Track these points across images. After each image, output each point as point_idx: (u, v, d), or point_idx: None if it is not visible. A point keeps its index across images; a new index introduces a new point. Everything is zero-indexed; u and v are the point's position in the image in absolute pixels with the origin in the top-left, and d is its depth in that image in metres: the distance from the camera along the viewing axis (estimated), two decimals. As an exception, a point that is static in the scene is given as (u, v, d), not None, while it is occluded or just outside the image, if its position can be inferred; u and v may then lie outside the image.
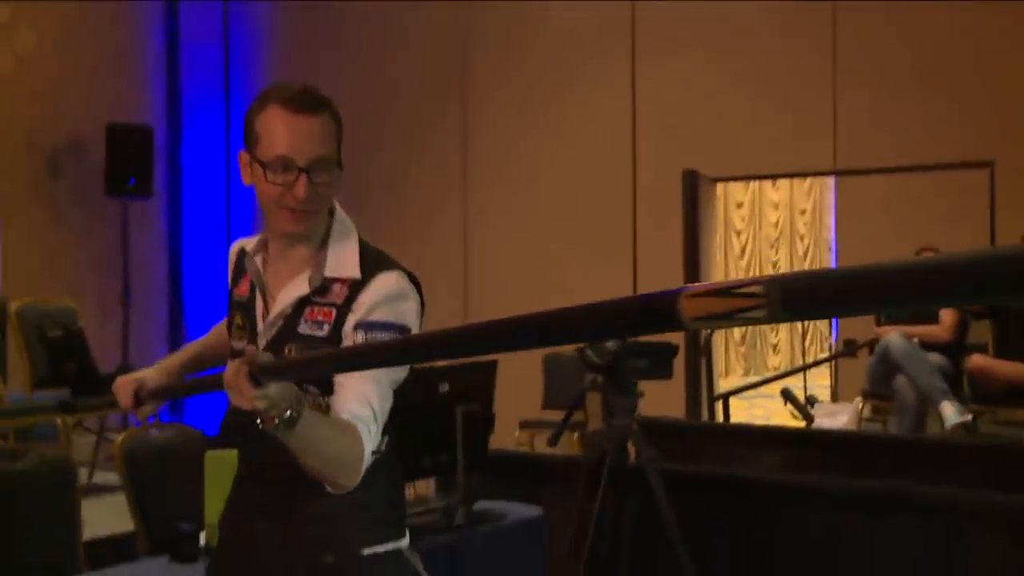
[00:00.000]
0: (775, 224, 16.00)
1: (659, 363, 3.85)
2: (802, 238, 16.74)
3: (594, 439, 3.76)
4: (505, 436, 7.88)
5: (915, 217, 7.94)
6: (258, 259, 2.43)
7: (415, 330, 2.31)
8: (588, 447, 3.71)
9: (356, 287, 2.32)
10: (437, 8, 9.83)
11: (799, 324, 13.88)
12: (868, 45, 8.27)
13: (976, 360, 6.42)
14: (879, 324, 7.60)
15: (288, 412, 1.94)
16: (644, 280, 8.99)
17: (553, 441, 3.96)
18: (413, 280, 2.37)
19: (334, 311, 2.33)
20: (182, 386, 2.65)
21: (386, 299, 2.30)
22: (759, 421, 9.14)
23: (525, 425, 8.48)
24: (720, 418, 6.32)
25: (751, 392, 8.15)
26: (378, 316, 2.29)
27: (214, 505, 3.47)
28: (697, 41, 8.83)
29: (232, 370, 1.93)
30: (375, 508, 2.37)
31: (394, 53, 10.15)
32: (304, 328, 2.33)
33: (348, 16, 10.35)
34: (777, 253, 16.01)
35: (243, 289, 2.47)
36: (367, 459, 2.18)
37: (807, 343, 14.97)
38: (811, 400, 6.93)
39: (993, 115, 7.79)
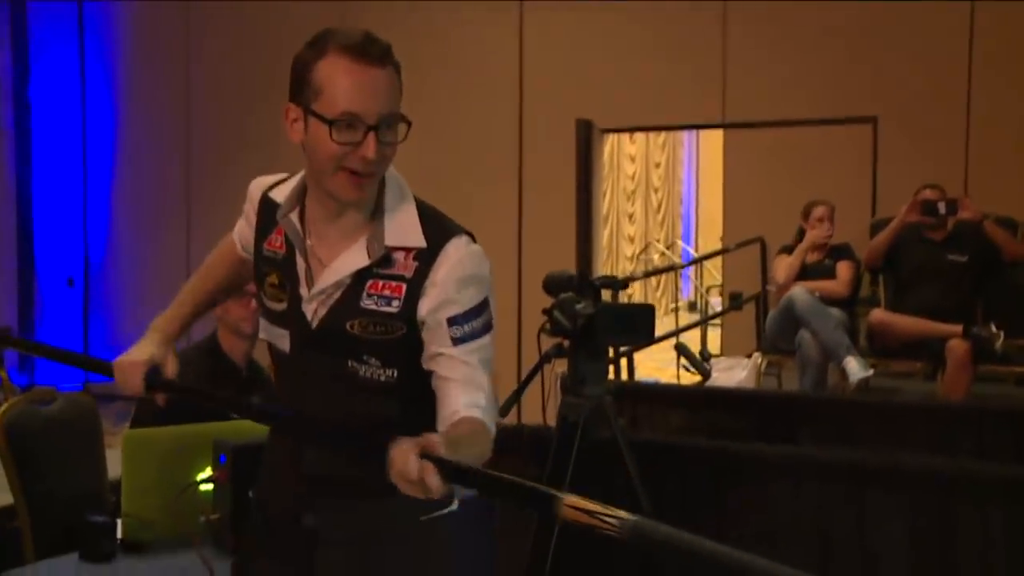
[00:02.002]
0: (631, 177, 15.90)
1: (638, 326, 3.52)
2: (656, 191, 16.70)
3: (568, 409, 3.40)
4: None
5: (801, 170, 7.94)
6: (294, 217, 2.20)
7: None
8: (561, 417, 3.33)
9: (425, 258, 2.13)
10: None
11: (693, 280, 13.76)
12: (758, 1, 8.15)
13: (877, 315, 6.36)
14: (766, 281, 7.48)
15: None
16: (529, 221, 8.73)
17: (504, 411, 3.59)
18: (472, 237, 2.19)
19: (404, 286, 2.13)
20: (255, 411, 2.29)
21: (471, 277, 2.14)
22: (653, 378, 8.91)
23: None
24: (624, 376, 6.04)
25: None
26: (467, 301, 2.13)
27: (134, 492, 3.01)
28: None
29: (415, 466, 1.71)
30: None
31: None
32: (368, 303, 2.14)
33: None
34: (633, 205, 15.92)
35: (276, 244, 2.25)
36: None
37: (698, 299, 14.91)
38: (705, 355, 6.71)
39: (877, 72, 7.78)
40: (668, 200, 17.15)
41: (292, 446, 2.24)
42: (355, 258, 2.13)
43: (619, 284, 4.09)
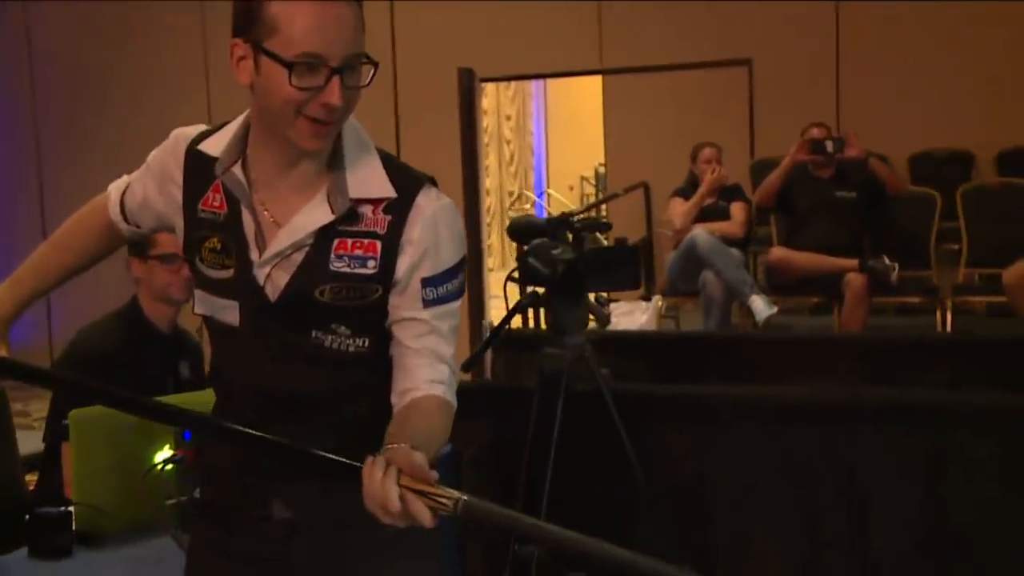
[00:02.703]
0: (485, 129, 15.70)
1: (621, 270, 3.35)
2: (508, 143, 16.56)
3: (549, 361, 3.21)
4: None
5: (679, 114, 7.89)
6: (237, 171, 1.89)
7: None
8: (540, 370, 3.15)
9: (396, 210, 1.87)
10: None
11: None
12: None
13: (777, 252, 6.39)
14: (651, 225, 7.43)
15: None
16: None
17: (470, 365, 3.39)
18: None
19: (378, 243, 1.86)
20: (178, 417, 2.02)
21: (448, 234, 1.91)
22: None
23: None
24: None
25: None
26: (444, 261, 1.90)
27: (86, 478, 2.72)
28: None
29: (395, 496, 1.55)
30: None
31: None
32: (339, 265, 1.86)
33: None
34: (488, 157, 15.74)
35: (215, 204, 1.92)
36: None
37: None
38: (602, 301, 6.56)
39: (751, 16, 7.75)
40: (519, 152, 17.03)
41: (249, 418, 1.88)
42: (316, 214, 1.84)
43: (604, 226, 3.93)
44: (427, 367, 1.85)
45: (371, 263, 1.85)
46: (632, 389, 3.24)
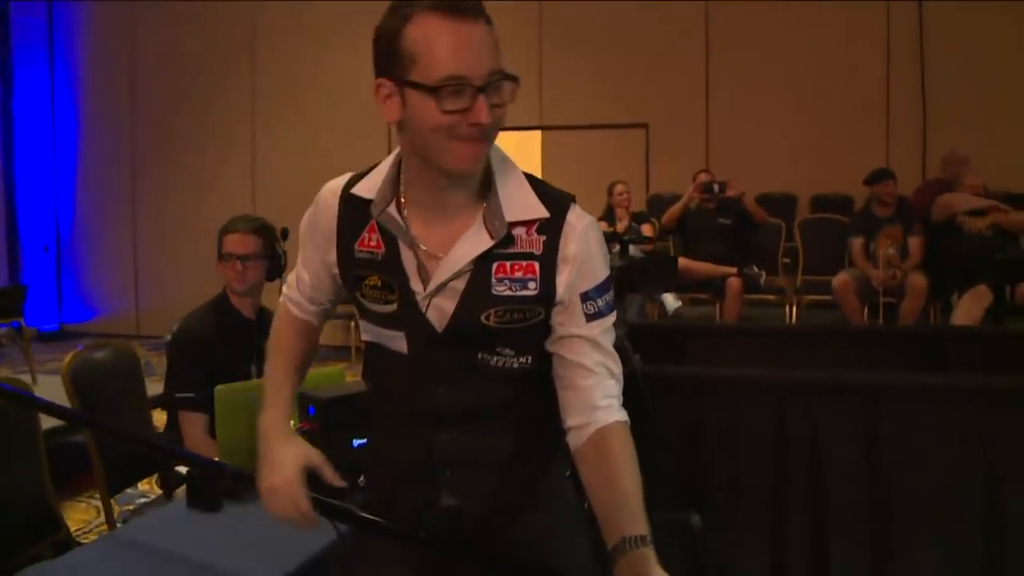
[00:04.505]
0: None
1: (665, 273, 2.97)
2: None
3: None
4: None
5: (595, 166, 7.56)
6: (392, 211, 1.45)
7: None
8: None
9: (549, 230, 1.43)
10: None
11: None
12: (569, 22, 7.84)
13: (682, 262, 6.18)
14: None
15: None
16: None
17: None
18: None
19: (536, 264, 1.42)
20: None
21: (597, 249, 1.47)
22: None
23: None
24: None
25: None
26: (597, 275, 1.46)
27: (228, 444, 2.39)
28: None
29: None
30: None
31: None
32: (501, 288, 1.42)
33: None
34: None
35: (371, 243, 1.47)
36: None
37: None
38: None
39: (649, 85, 7.47)
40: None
41: (420, 431, 1.50)
42: (475, 241, 1.41)
43: (644, 239, 3.56)
44: (599, 386, 1.44)
45: (531, 284, 1.42)
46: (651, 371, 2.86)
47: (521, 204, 1.42)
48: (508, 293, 1.41)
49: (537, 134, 7.82)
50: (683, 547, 2.51)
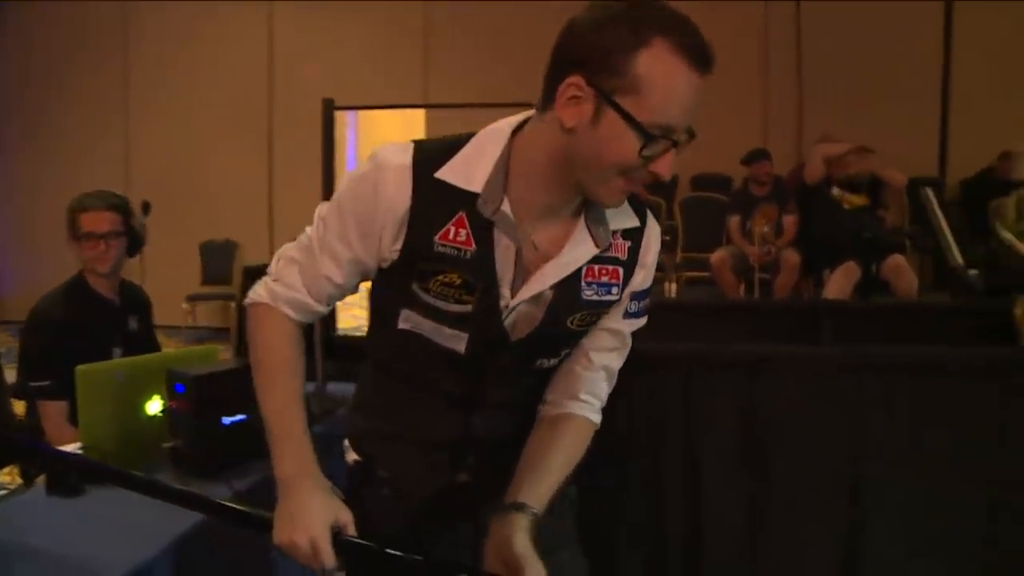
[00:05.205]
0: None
1: None
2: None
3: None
4: (173, 309, 6.62)
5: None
6: (507, 209, 1.29)
7: None
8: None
9: (633, 235, 1.39)
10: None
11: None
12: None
13: None
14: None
15: None
16: (278, 186, 7.86)
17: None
18: None
19: (620, 269, 1.39)
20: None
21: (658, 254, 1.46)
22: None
23: (191, 298, 7.14)
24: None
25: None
26: (651, 278, 1.45)
27: (91, 425, 2.20)
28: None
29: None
30: None
31: None
32: (590, 293, 1.37)
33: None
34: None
35: (460, 239, 1.29)
36: None
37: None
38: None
39: (536, 62, 7.38)
40: (338, 176, 16.22)
41: (452, 416, 1.42)
42: (582, 248, 1.33)
43: None
44: (591, 381, 1.43)
45: (615, 289, 1.39)
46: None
47: (620, 212, 1.35)
48: (595, 298, 1.36)
49: (421, 113, 7.73)
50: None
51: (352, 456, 1.54)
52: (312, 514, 1.27)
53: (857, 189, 5.82)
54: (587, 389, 1.43)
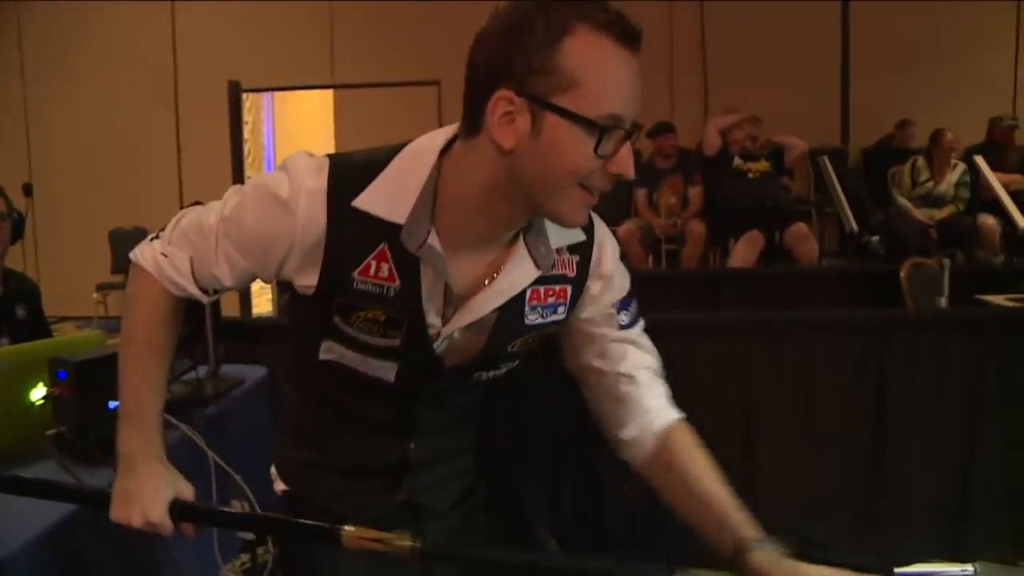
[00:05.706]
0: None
1: None
2: (248, 151, 15.42)
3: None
4: (84, 300, 6.47)
5: (387, 124, 7.39)
6: (435, 243, 1.16)
7: None
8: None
9: (582, 249, 1.27)
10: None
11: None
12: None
13: None
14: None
15: None
16: (188, 171, 7.66)
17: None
18: None
19: (568, 287, 1.28)
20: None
21: (620, 258, 1.34)
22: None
23: (101, 287, 6.97)
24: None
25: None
26: (625, 283, 1.33)
27: None
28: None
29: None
30: None
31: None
32: (534, 317, 1.26)
33: None
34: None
35: (380, 274, 1.17)
36: None
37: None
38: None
39: (441, 41, 7.40)
40: (254, 157, 15.94)
41: (387, 442, 1.35)
42: (521, 272, 1.22)
43: None
44: (648, 387, 1.31)
45: (560, 309, 1.28)
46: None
47: (562, 228, 1.21)
48: (539, 321, 1.26)
49: (329, 93, 7.61)
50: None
51: (280, 486, 1.45)
52: (148, 493, 1.23)
53: (756, 158, 5.97)
54: (646, 402, 1.30)
